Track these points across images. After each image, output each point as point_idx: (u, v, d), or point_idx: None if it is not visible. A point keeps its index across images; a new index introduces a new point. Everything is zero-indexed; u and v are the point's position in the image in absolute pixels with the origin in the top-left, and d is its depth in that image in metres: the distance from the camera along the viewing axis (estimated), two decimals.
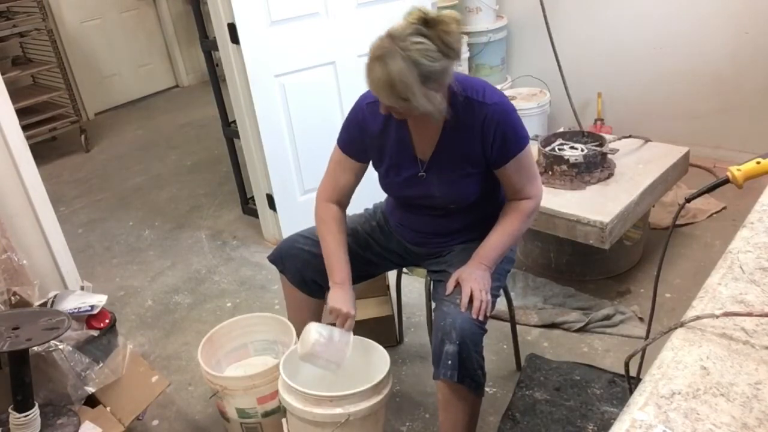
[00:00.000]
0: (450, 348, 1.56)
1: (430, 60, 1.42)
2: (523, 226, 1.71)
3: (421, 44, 1.41)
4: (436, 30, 1.42)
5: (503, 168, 1.65)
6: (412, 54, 1.41)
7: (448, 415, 1.68)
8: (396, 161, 1.73)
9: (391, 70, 1.41)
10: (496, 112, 1.59)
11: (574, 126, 3.43)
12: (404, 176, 1.74)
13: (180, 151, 4.53)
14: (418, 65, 1.42)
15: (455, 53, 1.46)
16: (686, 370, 0.92)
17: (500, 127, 1.59)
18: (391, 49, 1.42)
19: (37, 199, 2.22)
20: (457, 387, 1.60)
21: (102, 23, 5.42)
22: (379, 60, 1.43)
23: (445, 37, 1.43)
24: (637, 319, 2.39)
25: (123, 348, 1.99)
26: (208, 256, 3.16)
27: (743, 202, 2.89)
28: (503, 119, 1.60)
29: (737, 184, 1.20)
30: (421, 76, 1.43)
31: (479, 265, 1.67)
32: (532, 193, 1.70)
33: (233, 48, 2.71)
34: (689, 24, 3.27)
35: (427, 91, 1.46)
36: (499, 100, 1.61)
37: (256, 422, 1.90)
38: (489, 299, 1.61)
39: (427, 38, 1.42)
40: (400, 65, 1.41)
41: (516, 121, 1.63)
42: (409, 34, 1.42)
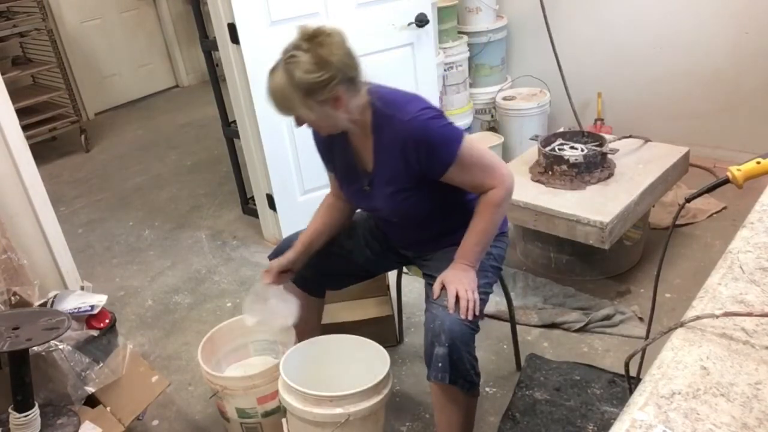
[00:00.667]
0: (440, 350, 1.56)
1: (306, 72, 1.47)
2: (496, 216, 1.67)
3: (298, 57, 1.48)
4: (312, 43, 1.48)
5: (445, 176, 1.62)
6: (289, 67, 1.49)
7: (443, 416, 1.68)
8: (345, 173, 1.77)
9: (274, 83, 1.51)
10: (412, 128, 1.57)
11: (574, 126, 3.43)
12: (354, 189, 1.77)
13: (180, 151, 4.53)
14: (296, 78, 1.48)
15: (333, 66, 1.48)
16: (686, 370, 0.92)
17: (421, 142, 1.57)
18: (277, 63, 1.52)
19: (37, 199, 2.22)
20: (449, 388, 1.60)
21: (102, 23, 5.42)
22: (269, 74, 1.53)
23: (318, 50, 1.47)
24: (637, 319, 2.39)
25: (123, 348, 1.99)
26: (208, 256, 3.16)
27: (743, 202, 2.89)
28: (421, 134, 1.57)
29: (737, 184, 1.20)
30: (301, 89, 1.48)
31: (461, 265, 1.66)
32: (494, 183, 1.64)
33: (233, 48, 2.71)
34: (689, 24, 3.27)
35: (313, 104, 1.51)
36: (413, 115, 1.57)
37: (256, 422, 1.90)
38: (476, 298, 1.60)
39: (304, 51, 1.48)
40: (280, 77, 1.50)
41: (437, 130, 1.58)
42: (289, 48, 1.51)
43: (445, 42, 3.52)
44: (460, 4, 3.62)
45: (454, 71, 3.58)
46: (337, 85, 1.50)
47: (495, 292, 2.47)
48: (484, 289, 1.71)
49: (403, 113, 1.58)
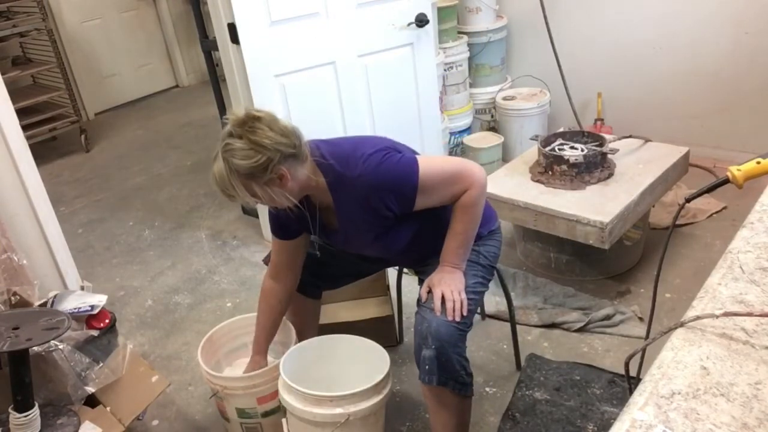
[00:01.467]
0: (427, 352, 1.56)
1: (243, 159, 1.47)
2: (473, 216, 1.66)
3: (230, 145, 1.48)
4: (243, 129, 1.48)
5: (416, 206, 1.62)
6: (227, 155, 1.48)
7: (437, 418, 1.69)
8: (324, 232, 1.76)
9: (214, 170, 1.51)
10: (365, 181, 1.57)
11: (574, 126, 3.43)
12: (338, 242, 1.79)
13: (180, 151, 4.53)
14: (232, 165, 1.47)
15: (267, 149, 1.47)
16: (686, 370, 0.92)
17: (379, 188, 1.58)
18: (217, 151, 1.52)
19: (37, 199, 2.22)
20: (439, 390, 1.61)
21: (102, 23, 5.42)
22: (212, 161, 1.53)
23: (250, 135, 1.47)
24: (637, 319, 2.39)
25: (123, 348, 1.99)
26: (208, 256, 3.16)
27: (743, 202, 2.89)
28: (376, 182, 1.57)
29: (737, 184, 1.20)
30: (241, 175, 1.48)
31: (447, 267, 1.66)
32: (464, 186, 1.63)
33: (233, 48, 2.71)
34: (689, 24, 3.27)
35: (257, 187, 1.50)
36: (363, 167, 1.57)
37: (256, 422, 1.90)
38: (463, 298, 1.60)
39: (237, 138, 1.48)
40: (219, 165, 1.50)
41: (389, 172, 1.58)
42: (224, 136, 1.50)
43: (445, 42, 3.52)
44: (460, 4, 3.62)
45: (454, 71, 3.59)
46: (278, 164, 1.49)
47: (495, 292, 2.49)
48: (474, 288, 1.69)
49: (351, 169, 1.58)
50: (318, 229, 1.75)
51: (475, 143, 3.48)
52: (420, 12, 2.90)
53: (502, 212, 2.47)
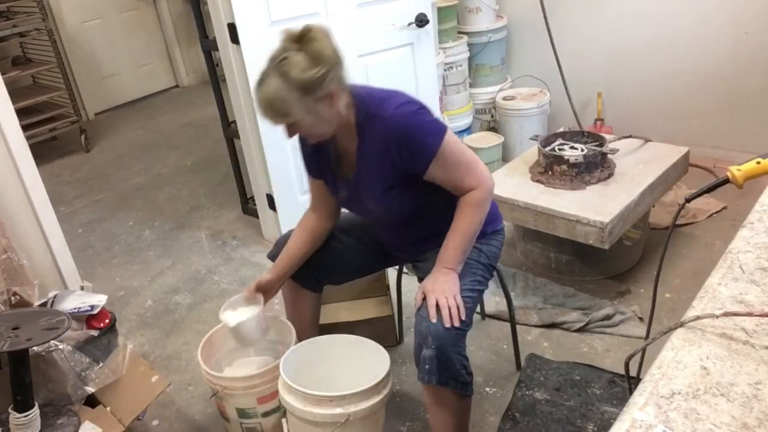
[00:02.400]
0: (427, 352, 1.55)
1: (302, 70, 1.47)
2: (476, 218, 1.66)
3: (292, 58, 1.47)
4: (301, 42, 1.48)
5: (427, 173, 1.61)
6: (284, 69, 1.47)
7: (436, 417, 1.68)
8: (334, 181, 1.76)
9: (268, 90, 1.48)
10: (393, 123, 1.57)
11: (574, 126, 3.43)
12: (343, 195, 1.77)
13: (180, 151, 4.53)
14: (292, 78, 1.46)
15: (328, 60, 1.49)
16: (686, 370, 0.92)
17: (402, 137, 1.57)
18: (267, 72, 1.50)
19: (37, 199, 2.22)
20: (440, 390, 1.60)
21: (102, 23, 5.42)
22: (259, 84, 1.51)
23: (310, 46, 1.48)
24: (637, 319, 2.39)
25: (123, 348, 1.99)
26: (208, 256, 3.16)
27: (743, 202, 2.89)
28: (402, 128, 1.57)
29: (737, 184, 1.20)
30: (299, 89, 1.47)
31: (441, 270, 1.64)
32: (474, 183, 1.64)
33: (233, 48, 2.71)
34: (689, 24, 3.27)
35: (310, 103, 1.50)
36: (395, 110, 1.58)
37: (256, 422, 1.90)
38: (459, 302, 1.58)
39: (296, 51, 1.48)
40: (275, 83, 1.47)
41: (417, 125, 1.58)
42: (279, 53, 1.49)
43: (445, 42, 3.52)
44: (460, 4, 3.62)
45: (454, 71, 3.59)
46: (331, 81, 1.50)
47: (495, 292, 2.50)
48: (472, 286, 1.68)
49: (383, 110, 1.58)
50: (331, 178, 1.75)
51: (475, 143, 3.48)
52: (420, 12, 2.90)
53: (503, 212, 2.45)
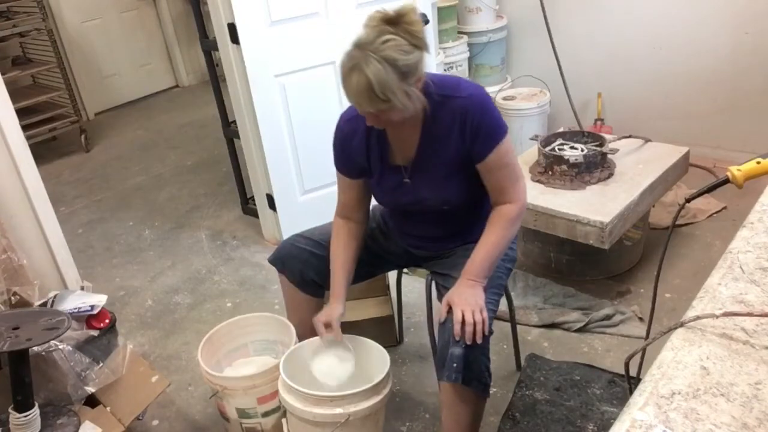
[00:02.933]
0: (456, 350, 1.55)
1: (404, 54, 1.43)
2: (508, 233, 1.67)
3: (392, 41, 1.43)
4: (400, 25, 1.44)
5: (485, 162, 1.62)
6: (386, 53, 1.42)
7: (452, 415, 1.67)
8: (382, 172, 1.73)
9: (368, 74, 1.42)
10: (472, 103, 1.59)
11: (574, 126, 3.43)
12: (392, 185, 1.74)
13: (180, 151, 4.53)
14: (394, 62, 1.42)
15: (424, 43, 1.47)
16: (686, 370, 0.92)
17: (477, 117, 1.58)
18: (363, 56, 1.43)
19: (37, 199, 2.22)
20: (462, 389, 1.59)
21: (102, 23, 5.42)
22: (354, 69, 1.44)
23: (410, 28, 1.45)
24: (637, 319, 2.39)
25: (123, 348, 1.99)
26: (208, 256, 3.16)
27: (743, 202, 2.89)
28: (480, 109, 1.58)
29: (737, 184, 1.20)
30: (399, 73, 1.44)
31: (468, 282, 1.63)
32: (514, 197, 1.66)
33: (233, 48, 2.71)
34: (689, 24, 3.27)
35: (407, 88, 1.47)
36: (474, 91, 1.61)
37: (256, 422, 1.90)
38: (485, 316, 1.57)
39: (395, 34, 1.44)
40: (376, 67, 1.42)
41: (493, 111, 1.61)
42: (376, 36, 1.43)
43: (445, 42, 3.52)
44: (460, 4, 3.62)
45: (454, 71, 3.58)
46: (422, 64, 1.49)
47: None
48: (494, 297, 1.70)
49: (460, 91, 1.60)
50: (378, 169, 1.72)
51: None
52: (420, 12, 2.89)
53: None
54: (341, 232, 1.82)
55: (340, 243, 1.81)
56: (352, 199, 1.81)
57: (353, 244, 1.82)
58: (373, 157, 1.72)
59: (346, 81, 1.47)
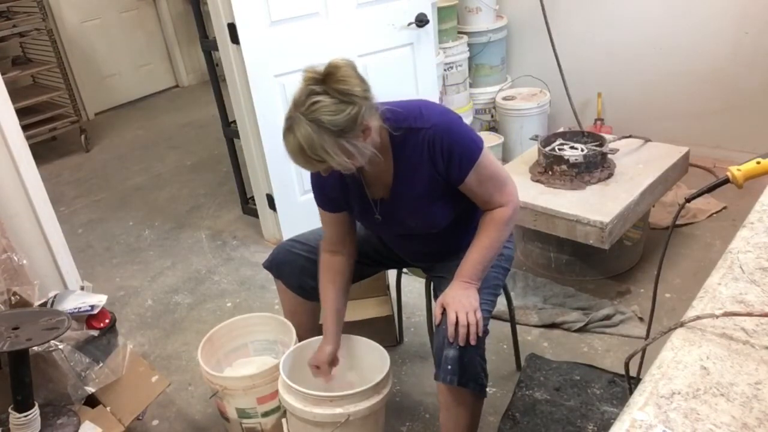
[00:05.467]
0: (450, 352, 1.55)
1: (332, 114, 1.41)
2: (501, 235, 1.66)
3: (319, 102, 1.41)
4: (328, 84, 1.42)
5: (465, 183, 1.60)
6: (313, 115, 1.41)
7: (450, 416, 1.67)
8: (362, 208, 1.72)
9: (298, 137, 1.42)
10: (437, 132, 1.55)
11: (574, 126, 3.43)
12: (372, 218, 1.73)
13: (180, 151, 4.53)
14: (322, 124, 1.41)
15: (358, 97, 1.44)
16: (686, 370, 0.92)
17: (445, 145, 1.55)
18: (295, 117, 1.43)
19: (37, 199, 2.22)
20: (457, 390, 1.59)
21: (102, 23, 5.42)
22: (288, 131, 1.44)
23: (338, 86, 1.42)
24: (637, 319, 2.39)
25: (123, 348, 1.99)
26: (208, 256, 3.16)
27: (743, 202, 2.89)
28: (447, 135, 1.56)
29: (737, 184, 1.20)
30: (332, 132, 1.42)
31: (462, 283, 1.63)
32: (504, 200, 1.65)
33: (233, 48, 2.71)
34: (689, 24, 3.27)
35: (346, 144, 1.44)
36: (437, 120, 1.57)
37: (256, 422, 1.90)
38: (479, 317, 1.57)
39: (323, 94, 1.42)
40: (305, 130, 1.41)
41: (460, 135, 1.58)
42: (305, 96, 1.42)
43: (445, 42, 3.52)
44: (460, 4, 3.62)
45: (454, 71, 3.58)
46: (364, 115, 1.45)
47: None
48: (489, 297, 1.70)
49: (425, 121, 1.56)
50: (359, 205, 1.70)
51: None
52: (420, 12, 2.90)
53: None
54: (328, 268, 1.80)
55: (328, 280, 1.80)
56: (336, 233, 1.79)
57: (340, 279, 1.81)
58: (351, 194, 1.70)
59: (284, 140, 1.47)
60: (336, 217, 1.76)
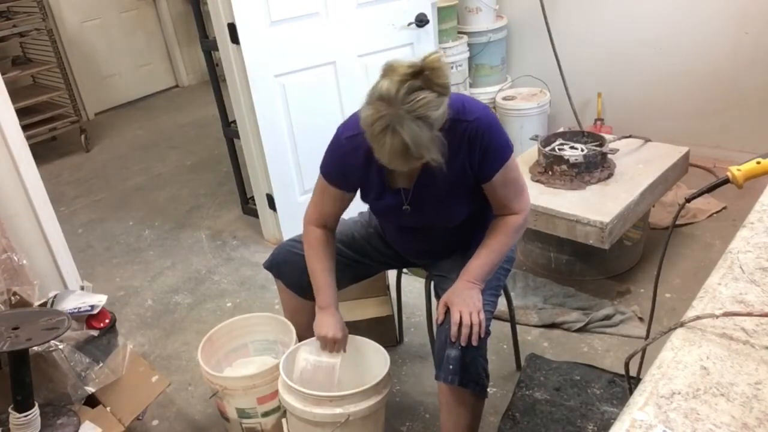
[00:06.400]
0: (452, 352, 1.55)
1: (435, 109, 1.37)
2: (511, 241, 1.67)
3: (424, 98, 1.35)
4: (427, 78, 1.37)
5: (490, 183, 1.61)
6: (419, 112, 1.35)
7: (450, 416, 1.67)
8: (380, 193, 1.69)
9: (404, 137, 1.35)
10: (480, 126, 1.54)
11: (574, 126, 3.43)
12: (391, 207, 1.71)
13: (180, 151, 4.53)
14: (427, 120, 1.36)
15: (449, 90, 1.42)
16: (686, 370, 0.92)
17: (485, 140, 1.55)
18: (396, 115, 1.35)
19: (37, 199, 2.22)
20: (458, 390, 1.59)
21: (102, 23, 5.42)
22: (388, 130, 1.35)
23: (438, 80, 1.38)
24: (637, 319, 2.39)
25: (123, 348, 1.99)
26: (208, 256, 3.16)
27: (743, 202, 2.89)
28: (487, 130, 1.55)
29: (737, 184, 1.20)
30: (432, 128, 1.39)
31: (467, 284, 1.63)
32: (519, 208, 1.66)
33: (233, 48, 2.71)
34: (689, 24, 3.27)
35: (437, 138, 1.41)
36: (480, 114, 1.56)
37: (256, 422, 1.90)
38: (482, 318, 1.57)
39: (425, 90, 1.37)
40: (411, 129, 1.34)
41: (499, 132, 1.58)
42: (406, 93, 1.35)
43: (445, 42, 3.52)
44: (460, 4, 3.62)
45: (454, 71, 3.58)
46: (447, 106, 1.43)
47: None
48: (491, 298, 1.70)
49: (468, 114, 1.54)
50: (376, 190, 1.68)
51: None
52: (420, 12, 2.90)
53: None
54: (318, 241, 1.77)
55: (319, 251, 1.77)
56: (334, 211, 1.77)
57: (330, 251, 1.79)
58: (371, 178, 1.67)
59: (377, 140, 1.39)
60: (342, 195, 1.74)
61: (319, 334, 1.74)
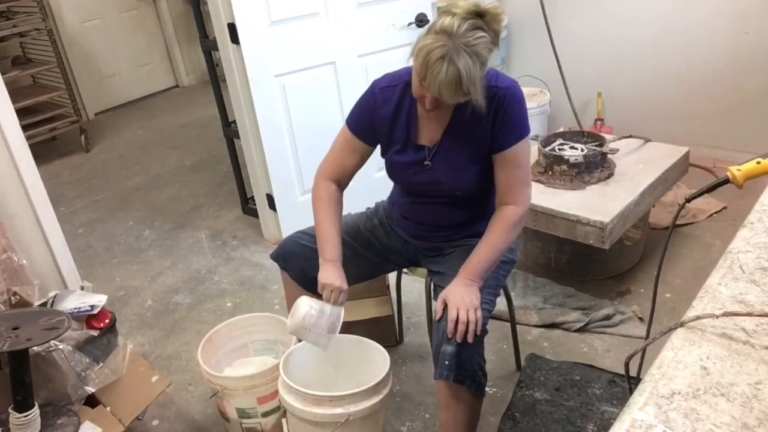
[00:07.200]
0: (448, 348, 1.55)
1: (489, 51, 1.46)
2: (509, 237, 1.68)
3: (483, 37, 1.44)
4: (487, 21, 1.45)
5: (503, 153, 1.65)
6: (477, 48, 1.43)
7: (448, 414, 1.67)
8: (403, 147, 1.73)
9: (459, 67, 1.42)
10: (509, 94, 1.62)
11: (574, 126, 3.43)
12: (411, 163, 1.73)
13: (180, 151, 4.53)
14: (480, 57, 1.44)
15: (498, 42, 1.50)
16: (686, 370, 0.92)
17: (510, 109, 1.62)
18: (455, 47, 1.42)
19: (37, 199, 2.22)
20: (456, 387, 1.59)
21: (102, 23, 5.42)
22: (444, 59, 1.42)
23: (496, 26, 1.47)
24: (637, 319, 2.39)
25: (123, 348, 1.99)
26: (208, 256, 3.16)
27: (743, 202, 2.89)
28: (513, 103, 1.62)
29: (737, 184, 1.20)
30: (482, 68, 1.47)
31: (465, 281, 1.64)
32: (519, 199, 1.67)
33: (233, 48, 2.71)
34: (689, 24, 3.27)
35: (483, 79, 1.50)
36: (512, 84, 1.64)
37: (256, 422, 1.90)
38: (479, 316, 1.58)
39: (484, 30, 1.45)
40: (467, 61, 1.42)
41: (523, 108, 1.65)
42: (467, 29, 1.43)
43: None
44: None
45: None
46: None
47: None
48: (490, 297, 1.70)
49: (499, 82, 1.61)
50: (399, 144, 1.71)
51: None
52: (420, 12, 2.90)
53: None
54: (330, 194, 1.78)
55: (329, 206, 1.76)
56: (352, 164, 1.78)
57: (339, 209, 1.81)
58: (397, 131, 1.72)
59: (432, 67, 1.43)
60: (363, 148, 1.76)
61: (326, 281, 1.72)
